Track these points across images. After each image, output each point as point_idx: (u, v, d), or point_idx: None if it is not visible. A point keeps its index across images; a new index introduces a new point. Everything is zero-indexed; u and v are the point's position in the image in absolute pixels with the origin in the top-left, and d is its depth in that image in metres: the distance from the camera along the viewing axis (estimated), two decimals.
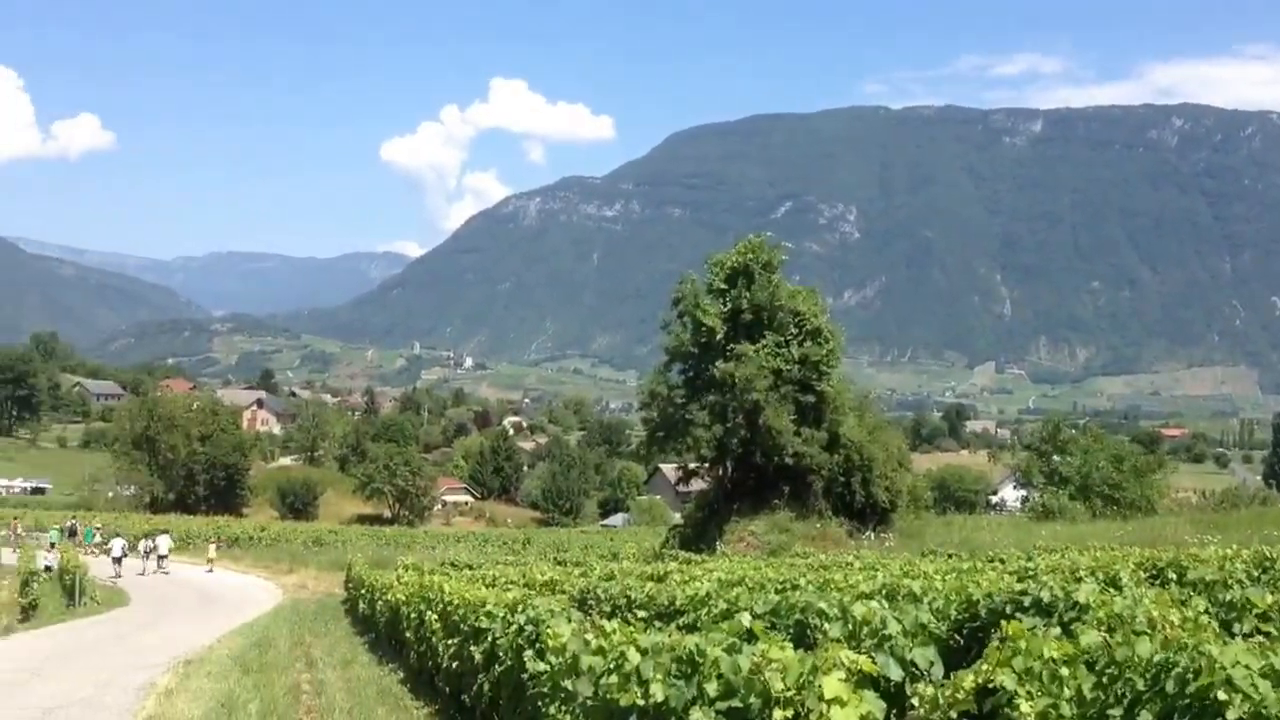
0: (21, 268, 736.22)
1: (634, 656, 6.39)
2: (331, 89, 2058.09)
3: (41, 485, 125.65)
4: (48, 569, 40.32)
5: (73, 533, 61.59)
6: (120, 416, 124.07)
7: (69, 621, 29.65)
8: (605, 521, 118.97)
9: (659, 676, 6.03)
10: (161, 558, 50.58)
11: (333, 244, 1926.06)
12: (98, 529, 64.26)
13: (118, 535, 53.63)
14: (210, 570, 50.64)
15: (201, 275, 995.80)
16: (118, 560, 47.28)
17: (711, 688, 5.61)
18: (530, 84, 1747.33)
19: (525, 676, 8.76)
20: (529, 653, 8.83)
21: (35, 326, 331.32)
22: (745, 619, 6.46)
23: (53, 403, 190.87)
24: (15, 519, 73.43)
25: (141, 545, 52.91)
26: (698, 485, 54.81)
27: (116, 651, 21.54)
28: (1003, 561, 18.89)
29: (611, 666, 6.62)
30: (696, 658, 5.94)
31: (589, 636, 7.28)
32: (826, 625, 8.16)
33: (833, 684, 4.98)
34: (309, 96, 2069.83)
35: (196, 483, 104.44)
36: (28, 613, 30.46)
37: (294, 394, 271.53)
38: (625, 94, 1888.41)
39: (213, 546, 55.32)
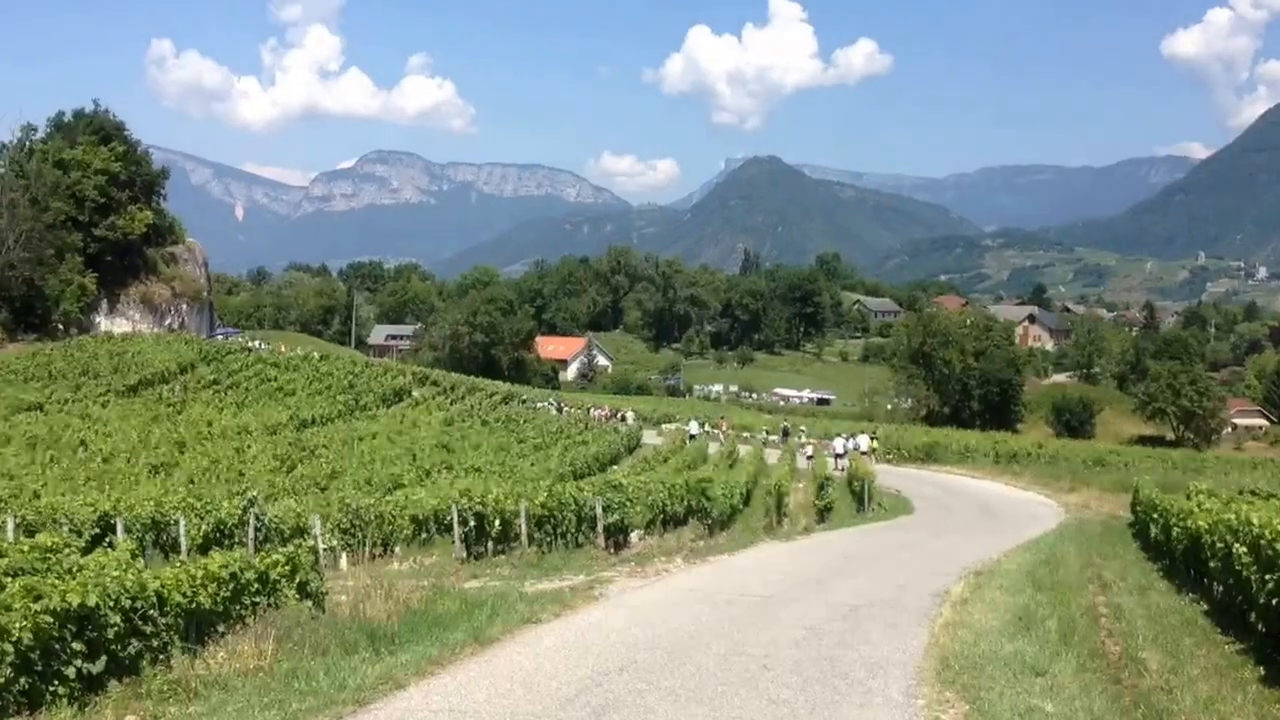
0: (807, 193, 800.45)
1: None
2: None
3: (826, 396, 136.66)
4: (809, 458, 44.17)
5: (785, 434, 69.27)
6: (898, 332, 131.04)
7: (860, 526, 31.27)
8: None
9: None
10: (865, 454, 52.70)
11: (1109, 151, 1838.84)
12: (803, 430, 71.61)
13: (839, 435, 59.88)
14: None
15: (973, 191, 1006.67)
16: (838, 456, 51.96)
17: None
18: None
19: None
20: None
21: (819, 248, 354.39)
22: None
23: (835, 319, 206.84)
24: (723, 418, 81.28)
25: (839, 444, 55.22)
26: None
27: (907, 557, 22.25)
28: None
29: None
30: None
31: None
32: None
33: None
34: None
35: (971, 397, 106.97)
36: (823, 515, 33.05)
37: (1067, 309, 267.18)
38: None
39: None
